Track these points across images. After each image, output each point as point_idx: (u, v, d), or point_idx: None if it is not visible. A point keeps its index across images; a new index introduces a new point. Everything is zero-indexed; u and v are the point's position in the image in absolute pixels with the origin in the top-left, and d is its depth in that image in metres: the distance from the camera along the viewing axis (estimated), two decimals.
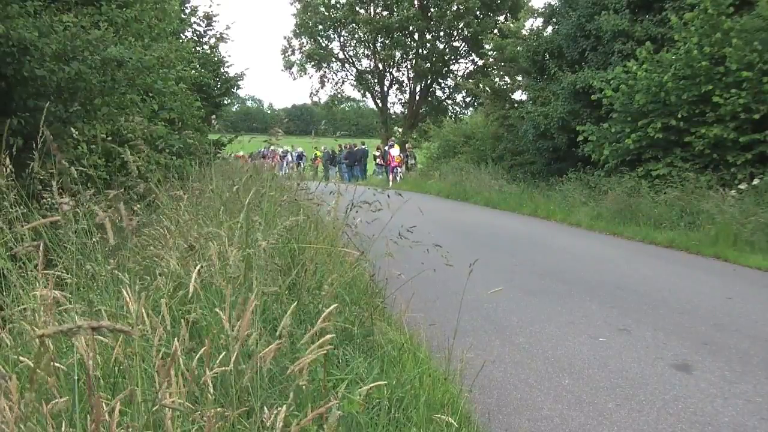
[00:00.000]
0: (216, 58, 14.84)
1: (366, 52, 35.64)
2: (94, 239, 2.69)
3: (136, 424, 1.72)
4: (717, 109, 10.82)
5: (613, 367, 4.13)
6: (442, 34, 33.98)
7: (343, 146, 28.71)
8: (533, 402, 3.59)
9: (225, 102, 16.40)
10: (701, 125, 11.18)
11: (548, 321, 5.20)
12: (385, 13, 33.73)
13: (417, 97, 35.38)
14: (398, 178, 23.85)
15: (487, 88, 20.92)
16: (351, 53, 35.97)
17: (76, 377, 1.80)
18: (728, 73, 10.67)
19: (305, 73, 36.43)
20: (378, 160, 26.49)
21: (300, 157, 29.18)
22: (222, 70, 15.03)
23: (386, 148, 25.93)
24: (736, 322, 5.20)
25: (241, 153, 29.62)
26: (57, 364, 1.90)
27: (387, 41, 33.82)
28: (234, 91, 15.91)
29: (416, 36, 33.84)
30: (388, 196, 4.32)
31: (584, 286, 6.46)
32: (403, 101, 36.16)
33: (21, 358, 1.96)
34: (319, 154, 29.29)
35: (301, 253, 3.79)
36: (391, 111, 36.84)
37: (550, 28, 18.18)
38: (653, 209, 10.78)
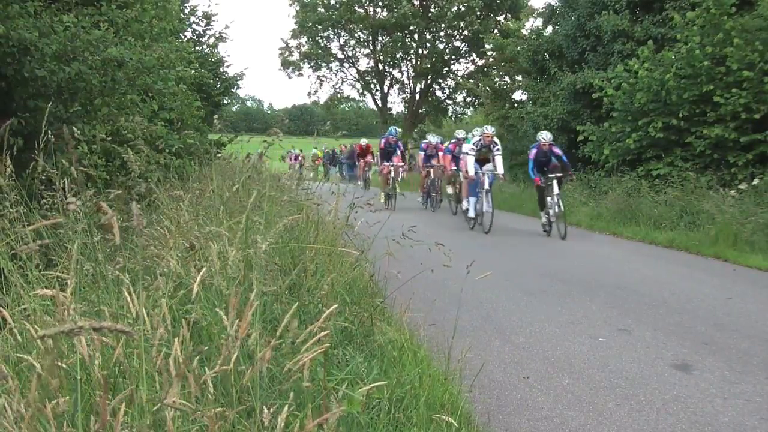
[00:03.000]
0: (215, 58, 14.86)
1: (366, 52, 35.64)
2: (95, 239, 2.69)
3: (145, 426, 1.73)
4: (718, 108, 10.83)
5: (613, 367, 4.13)
6: (442, 33, 33.98)
7: (344, 146, 28.72)
8: (533, 402, 3.59)
9: (225, 102, 16.41)
10: (702, 125, 11.18)
11: (548, 321, 5.20)
12: (384, 13, 33.72)
13: (417, 97, 35.38)
14: (399, 178, 23.75)
15: (487, 88, 20.95)
16: (350, 53, 35.96)
17: (78, 377, 1.80)
18: (729, 72, 10.68)
19: (301, 74, 36.40)
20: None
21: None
22: (221, 70, 15.06)
23: None
24: (736, 322, 5.21)
25: (364, 141, 19.58)
26: (59, 364, 1.90)
27: (387, 41, 33.82)
28: (234, 90, 15.94)
29: (416, 36, 33.84)
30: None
31: (584, 286, 6.47)
32: (403, 101, 36.17)
33: (22, 357, 1.96)
34: (320, 153, 29.30)
35: (301, 253, 3.80)
36: (392, 111, 36.84)
37: (550, 28, 18.19)
38: (653, 209, 10.79)
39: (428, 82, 35.20)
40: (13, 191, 2.91)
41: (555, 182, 9.77)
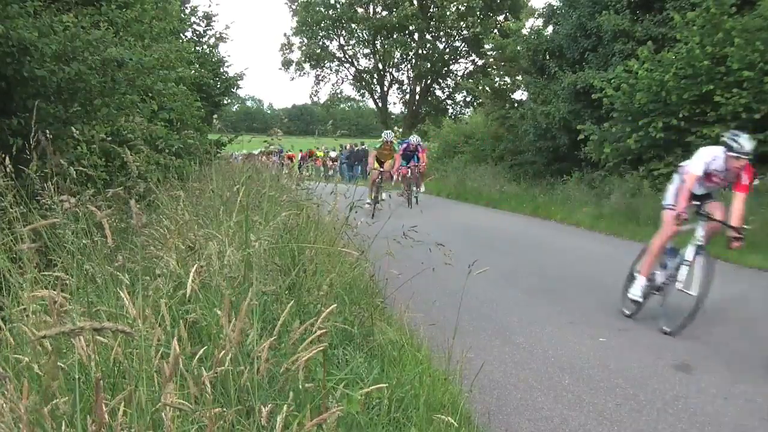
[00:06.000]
0: (215, 58, 14.84)
1: (366, 51, 35.68)
2: (94, 239, 2.68)
3: (143, 425, 1.72)
4: (718, 108, 10.81)
5: (613, 367, 4.13)
6: (442, 34, 34.01)
7: (344, 146, 28.68)
8: (533, 402, 3.59)
9: (225, 102, 16.38)
10: (702, 125, 11.16)
11: (548, 321, 5.19)
12: (384, 13, 33.75)
13: (417, 97, 35.40)
14: (401, 178, 23.65)
15: (487, 88, 20.94)
16: (350, 53, 35.99)
17: (77, 377, 1.80)
18: (729, 72, 10.66)
19: (303, 73, 36.43)
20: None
21: None
22: (222, 70, 15.04)
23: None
24: (737, 322, 5.20)
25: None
26: (58, 364, 1.90)
27: (387, 41, 33.85)
28: (234, 91, 15.90)
29: (416, 36, 33.87)
30: (390, 195, 4.32)
31: (585, 286, 6.45)
32: (403, 101, 36.20)
33: (19, 357, 1.96)
34: (320, 154, 29.30)
35: (301, 253, 3.79)
36: (391, 111, 36.87)
37: (550, 28, 18.17)
38: (654, 209, 10.78)
39: (428, 82, 35.23)
40: (11, 191, 2.91)
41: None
